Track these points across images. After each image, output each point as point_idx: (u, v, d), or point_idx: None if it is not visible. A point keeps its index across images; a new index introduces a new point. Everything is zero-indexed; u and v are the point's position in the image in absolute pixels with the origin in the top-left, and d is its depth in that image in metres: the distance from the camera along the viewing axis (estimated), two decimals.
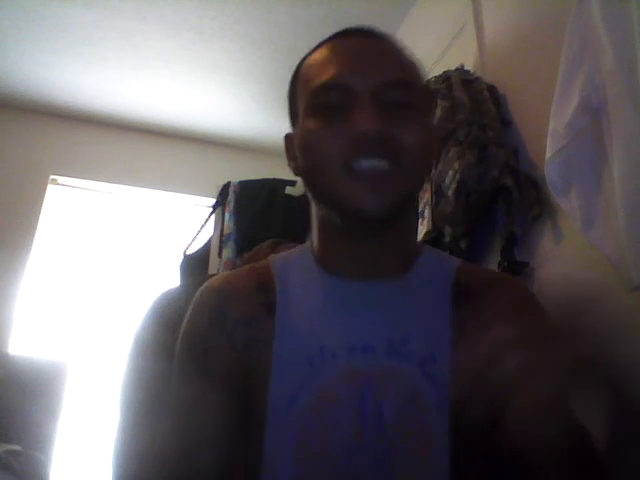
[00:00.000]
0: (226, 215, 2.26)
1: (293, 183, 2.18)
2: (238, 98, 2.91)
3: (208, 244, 2.41)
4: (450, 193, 1.31)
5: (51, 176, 3.04)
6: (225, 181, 2.36)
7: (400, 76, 0.67)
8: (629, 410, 0.86)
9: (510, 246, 1.27)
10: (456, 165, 1.30)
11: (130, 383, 0.98)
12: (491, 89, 1.44)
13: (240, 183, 2.32)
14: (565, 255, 1.17)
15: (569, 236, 1.16)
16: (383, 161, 0.64)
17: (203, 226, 2.53)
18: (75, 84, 2.83)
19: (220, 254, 2.20)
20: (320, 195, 0.69)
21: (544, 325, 0.69)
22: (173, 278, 2.42)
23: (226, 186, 2.33)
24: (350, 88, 0.65)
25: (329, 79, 0.66)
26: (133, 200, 3.22)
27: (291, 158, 0.74)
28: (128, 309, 2.78)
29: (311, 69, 0.70)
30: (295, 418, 0.65)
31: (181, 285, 1.16)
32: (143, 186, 3.17)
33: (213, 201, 2.43)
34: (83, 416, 2.58)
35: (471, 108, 1.38)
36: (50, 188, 3.04)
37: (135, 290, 2.90)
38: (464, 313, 0.69)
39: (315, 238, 0.73)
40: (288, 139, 0.75)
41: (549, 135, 1.07)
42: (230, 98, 2.92)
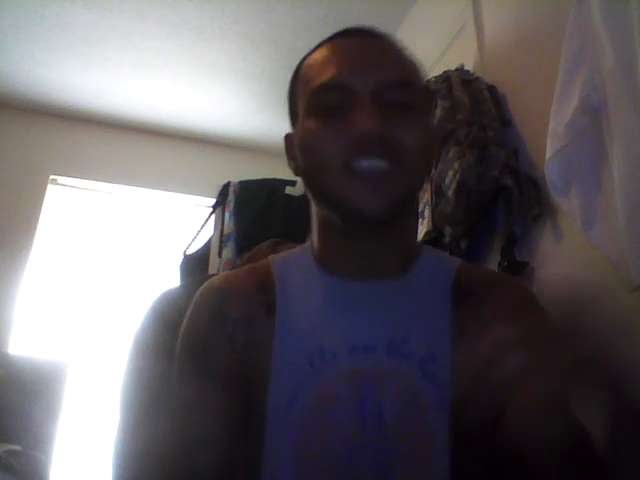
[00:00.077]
0: (226, 215, 2.26)
1: (293, 183, 2.18)
2: (238, 98, 2.91)
3: (208, 244, 2.41)
4: (450, 193, 1.31)
5: (51, 176, 3.04)
6: (225, 181, 2.36)
7: (400, 76, 0.67)
8: (629, 410, 0.86)
9: (510, 246, 1.27)
10: (456, 165, 1.30)
11: (130, 383, 0.98)
12: (491, 89, 1.44)
13: (240, 183, 2.32)
14: (565, 255, 1.17)
15: (569, 236, 1.16)
16: (383, 161, 0.63)
17: (203, 226, 2.53)
18: (75, 84, 2.83)
19: (220, 254, 2.20)
20: (320, 195, 0.69)
21: (544, 325, 0.69)
22: (173, 278, 2.42)
23: (226, 186, 2.33)
24: (350, 88, 0.65)
25: (329, 79, 0.66)
26: (133, 200, 3.21)
27: (291, 158, 0.74)
28: (128, 309, 2.78)
29: (311, 69, 0.70)
30: (295, 418, 0.65)
31: (181, 285, 1.16)
32: (143, 186, 3.17)
33: (213, 201, 2.43)
34: (83, 416, 2.58)
35: (471, 108, 1.38)
36: (50, 188, 3.04)
37: (135, 290, 2.90)
38: (464, 313, 0.69)
39: (315, 238, 0.73)
40: (288, 139, 0.75)
41: (549, 135, 1.07)
42: (230, 98, 2.92)
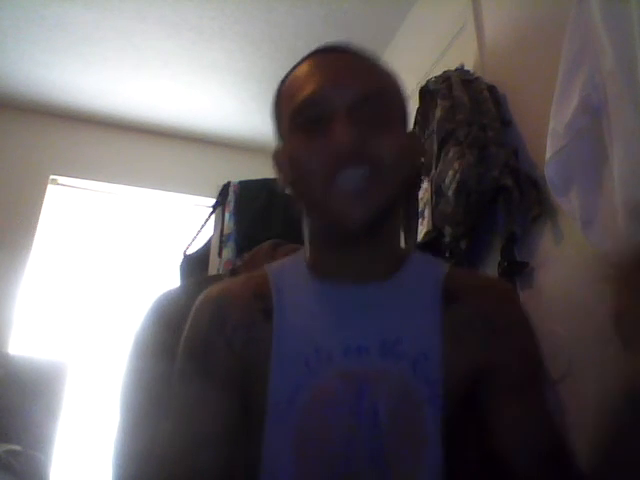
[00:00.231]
0: (226, 215, 2.26)
1: None
2: (238, 98, 2.91)
3: (208, 244, 2.41)
4: (450, 193, 1.31)
5: (51, 176, 3.04)
6: (225, 181, 2.35)
7: (375, 87, 0.69)
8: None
9: (510, 246, 1.27)
10: (456, 165, 1.30)
11: (130, 383, 0.98)
12: (491, 89, 1.44)
13: (240, 183, 2.31)
14: (565, 255, 1.17)
15: (569, 236, 1.16)
16: (362, 172, 0.66)
17: (203, 226, 2.53)
18: (75, 84, 2.83)
19: (220, 254, 2.20)
20: (307, 208, 0.73)
21: (529, 338, 0.74)
22: (173, 278, 2.42)
23: (226, 186, 2.33)
24: (328, 103, 0.67)
25: (308, 95, 0.68)
26: (133, 200, 3.21)
27: (279, 172, 0.77)
28: (128, 309, 2.78)
29: (291, 87, 0.73)
30: (293, 417, 0.67)
31: (181, 285, 1.17)
32: (143, 186, 3.17)
33: (213, 201, 2.43)
34: (83, 416, 2.58)
35: (471, 108, 1.38)
36: (50, 188, 3.04)
37: (135, 290, 2.90)
38: (454, 315, 0.71)
39: (307, 246, 0.77)
40: (276, 155, 0.77)
41: (549, 135, 1.07)
42: (230, 98, 2.92)
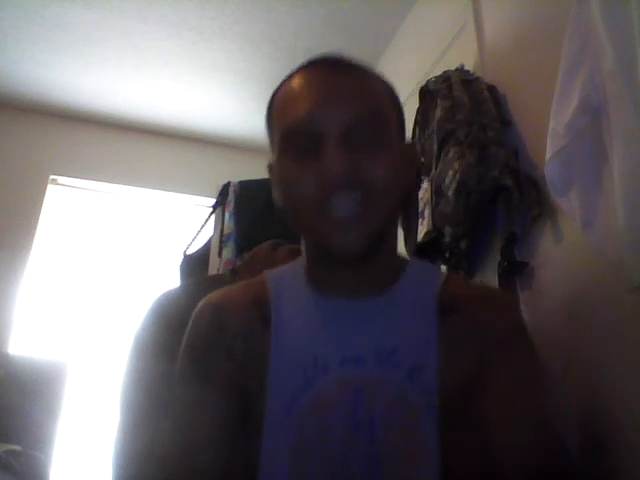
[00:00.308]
0: (226, 215, 2.25)
1: None
2: (238, 98, 2.91)
3: (208, 244, 2.40)
4: (450, 193, 1.31)
5: (51, 176, 3.04)
6: (225, 181, 2.35)
7: (367, 109, 0.67)
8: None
9: (510, 246, 1.27)
10: (456, 165, 1.30)
11: (130, 383, 0.98)
12: (491, 89, 1.44)
13: (240, 183, 2.31)
14: (565, 255, 1.17)
15: (569, 236, 1.16)
16: (355, 198, 0.65)
17: (203, 226, 2.53)
18: (75, 84, 2.83)
19: (220, 254, 2.20)
20: (300, 232, 0.73)
21: (526, 349, 0.73)
22: (173, 278, 2.42)
23: (226, 186, 2.33)
24: (318, 129, 0.65)
25: (298, 120, 0.66)
26: (133, 200, 3.21)
27: (274, 185, 0.74)
28: (128, 309, 2.78)
29: (283, 102, 0.71)
30: (291, 423, 0.67)
31: (181, 285, 1.16)
32: (143, 186, 3.17)
33: (213, 201, 2.43)
34: (83, 416, 2.58)
35: (471, 108, 1.38)
36: (50, 188, 3.03)
37: (135, 290, 2.90)
38: (449, 324, 0.71)
39: (304, 257, 0.77)
40: (270, 168, 0.76)
41: (549, 135, 1.07)
42: (230, 98, 2.91)
